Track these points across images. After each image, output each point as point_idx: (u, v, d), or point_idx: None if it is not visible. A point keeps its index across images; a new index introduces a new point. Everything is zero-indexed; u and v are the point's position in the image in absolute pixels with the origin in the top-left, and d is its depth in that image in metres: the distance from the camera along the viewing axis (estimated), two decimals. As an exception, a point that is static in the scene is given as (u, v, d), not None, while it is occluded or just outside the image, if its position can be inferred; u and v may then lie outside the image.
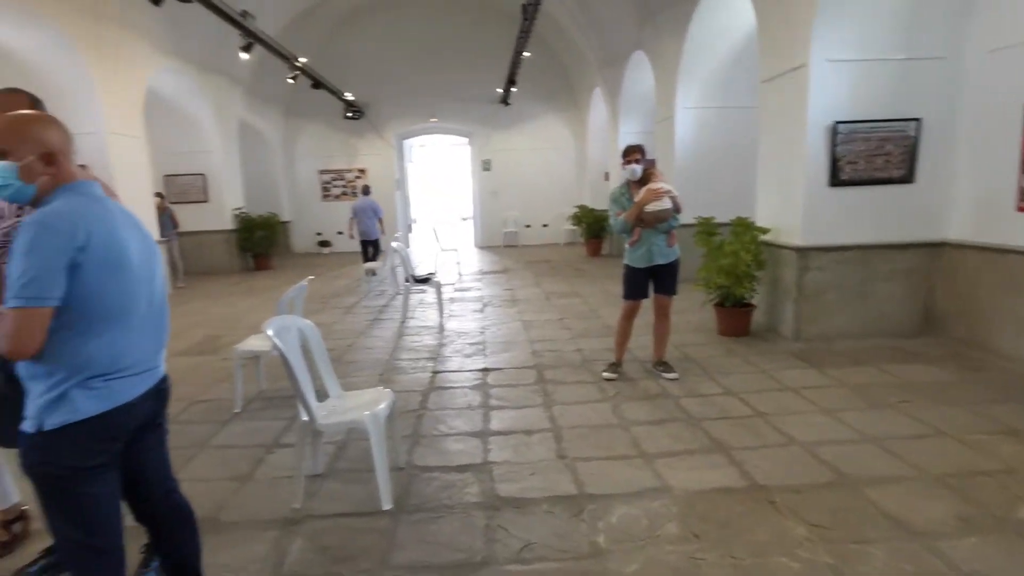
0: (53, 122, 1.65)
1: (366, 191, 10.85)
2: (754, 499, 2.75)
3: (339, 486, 3.02)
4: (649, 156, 4.40)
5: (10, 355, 1.52)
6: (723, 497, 2.78)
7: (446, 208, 24.75)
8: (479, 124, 14.98)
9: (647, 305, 4.49)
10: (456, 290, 8.82)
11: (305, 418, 2.72)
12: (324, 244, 14.95)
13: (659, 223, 4.23)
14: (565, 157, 15.10)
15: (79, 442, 1.59)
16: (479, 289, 8.94)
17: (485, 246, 15.26)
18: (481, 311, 7.29)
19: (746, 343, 5.33)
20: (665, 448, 3.32)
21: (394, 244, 7.48)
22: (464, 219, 23.78)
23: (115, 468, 1.71)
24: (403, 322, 6.80)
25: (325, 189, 15.06)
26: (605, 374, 4.51)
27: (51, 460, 1.57)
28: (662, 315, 4.52)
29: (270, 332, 2.63)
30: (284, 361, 2.60)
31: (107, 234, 1.60)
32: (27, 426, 1.57)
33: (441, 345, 5.75)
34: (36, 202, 1.62)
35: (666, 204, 4.17)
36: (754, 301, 5.65)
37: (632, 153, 4.30)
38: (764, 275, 5.60)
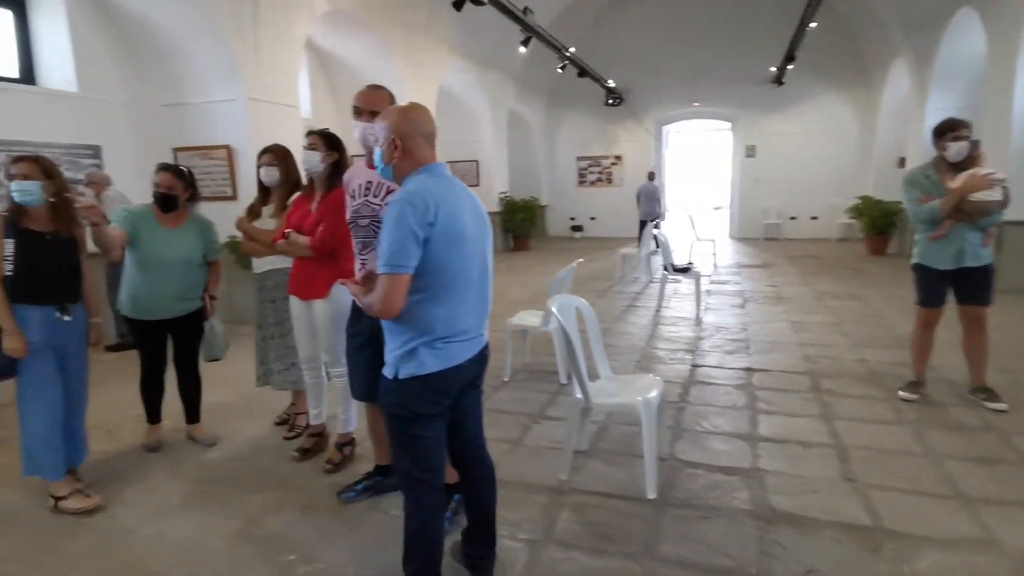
0: (411, 113, 1.91)
1: (651, 177, 12.08)
2: None
3: (602, 466, 3.08)
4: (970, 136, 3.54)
5: (379, 315, 1.81)
6: (1090, 573, 2.15)
7: (699, 197, 23.66)
8: (744, 107, 13.93)
9: (950, 316, 3.69)
10: (712, 282, 8.38)
11: (579, 395, 2.82)
12: (576, 229, 15.49)
13: (981, 216, 3.42)
14: (844, 141, 13.22)
15: (421, 392, 1.85)
16: (737, 283, 8.37)
17: (741, 237, 14.23)
18: (742, 307, 6.81)
19: (1116, 379, 4.07)
20: (993, 494, 2.69)
21: (655, 231, 7.38)
22: (716, 208, 22.49)
23: (443, 419, 1.97)
24: (658, 311, 6.69)
25: (581, 175, 15.55)
26: (903, 393, 3.84)
27: (400, 403, 1.87)
28: (976, 329, 3.67)
29: (554, 309, 2.76)
30: (565, 338, 2.71)
31: (450, 211, 1.79)
32: (387, 371, 1.90)
33: (699, 338, 5.51)
34: (399, 180, 1.91)
35: (996, 195, 3.36)
36: None
37: (957, 128, 3.50)
38: None
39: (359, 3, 7.68)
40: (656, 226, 10.65)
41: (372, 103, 2.37)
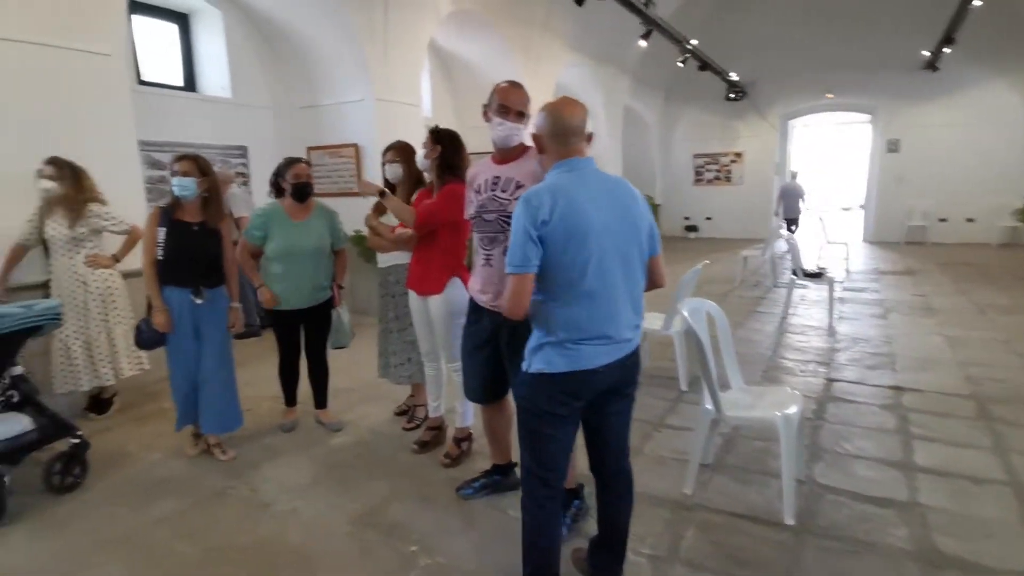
0: (555, 109, 1.86)
1: (794, 176, 12.46)
2: None
3: (730, 483, 2.87)
4: None
5: (508, 314, 1.79)
6: None
7: (828, 196, 21.86)
8: (887, 97, 12.62)
9: None
10: (846, 289, 7.68)
11: (708, 406, 2.64)
12: (691, 229, 14.87)
13: None
14: (1010, 134, 11.60)
15: (548, 390, 1.81)
16: (876, 291, 7.60)
17: (878, 241, 12.95)
18: (883, 317, 6.16)
19: None
20: None
21: (784, 234, 6.88)
22: (845, 209, 20.72)
23: (574, 423, 1.89)
24: (784, 318, 6.22)
25: (698, 173, 14.89)
26: (1098, 427, 3.27)
27: (528, 397, 1.85)
28: None
29: (685, 313, 2.61)
30: (697, 345, 2.54)
31: (571, 208, 1.72)
32: (523, 364, 1.87)
33: (833, 350, 5.04)
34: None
35: None
36: None
37: None
38: None
39: (480, 2, 7.80)
40: (793, 228, 10.10)
41: (521, 102, 2.34)
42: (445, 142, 2.87)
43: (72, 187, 3.59)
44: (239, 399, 3.36)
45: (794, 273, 6.47)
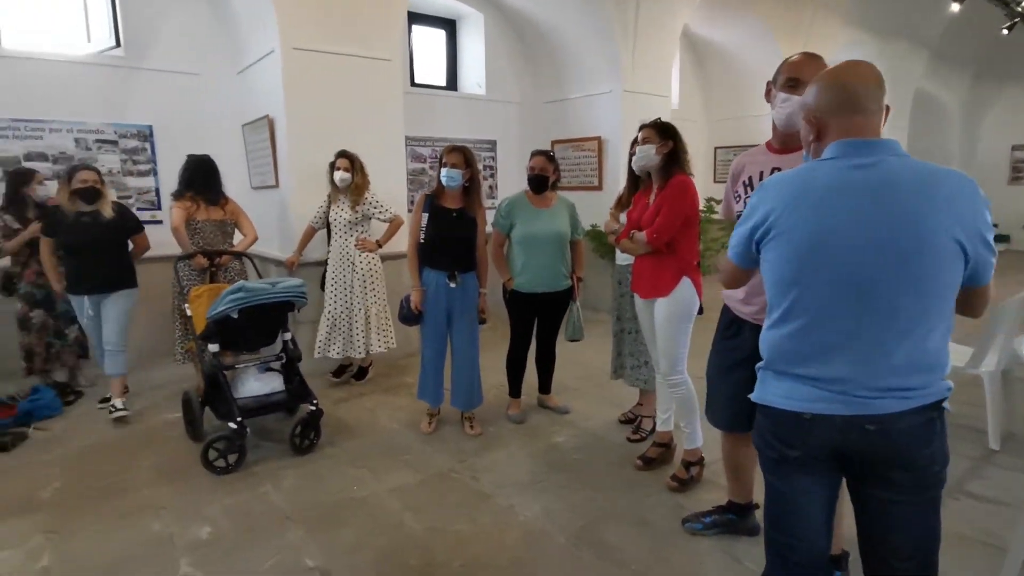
0: (832, 76, 1.38)
1: None
2: None
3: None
4: None
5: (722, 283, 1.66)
6: None
7: None
8: None
9: None
10: None
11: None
12: (1001, 239, 11.90)
13: None
14: None
15: (764, 426, 1.46)
16: None
17: None
18: None
19: None
20: None
21: None
22: None
23: (818, 483, 1.42)
24: None
25: (1016, 171, 11.83)
26: None
27: (755, 429, 1.51)
28: None
29: (1022, 351, 1.91)
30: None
31: (789, 210, 1.34)
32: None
33: None
34: None
35: None
36: None
37: None
38: None
39: (743, -19, 7.10)
40: None
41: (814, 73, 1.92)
42: (676, 136, 2.71)
43: (360, 176, 4.08)
44: (481, 380, 3.54)
45: None
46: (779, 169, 1.91)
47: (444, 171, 3.21)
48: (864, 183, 1.29)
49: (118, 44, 4.79)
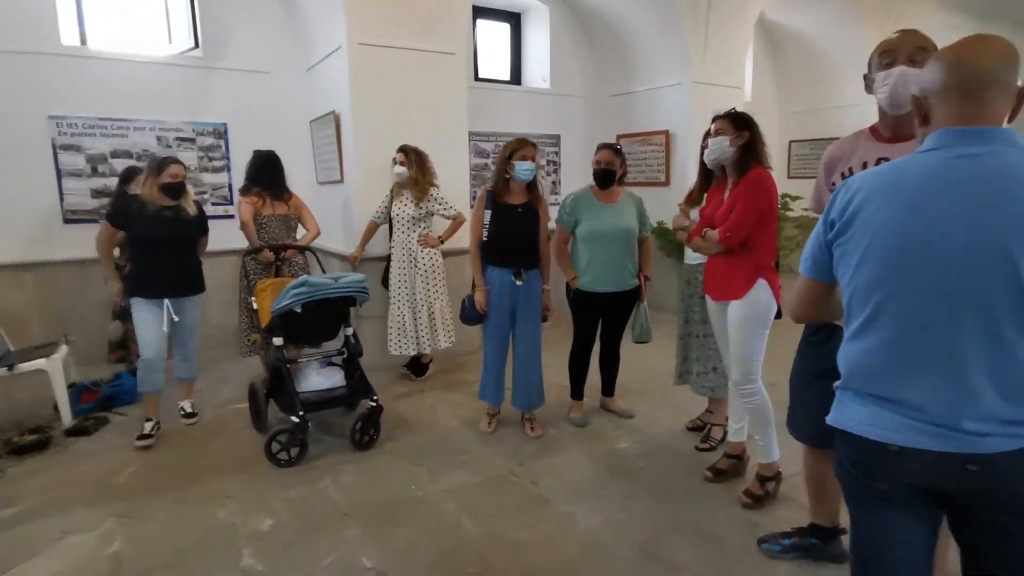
0: (949, 55, 1.16)
1: None
2: None
3: None
4: None
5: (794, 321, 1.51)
6: None
7: None
8: None
9: None
10: None
11: None
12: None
13: None
14: None
15: (843, 451, 1.29)
16: None
17: None
18: None
19: None
20: None
21: None
22: None
23: (904, 516, 1.23)
24: None
25: None
26: None
27: (836, 454, 1.33)
28: None
29: None
30: None
31: (875, 202, 1.16)
32: None
33: None
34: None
35: None
36: None
37: None
38: None
39: (826, -38, 6.67)
40: None
41: (915, 44, 1.72)
42: (752, 126, 2.52)
43: (418, 171, 4.04)
44: (543, 380, 3.45)
45: None
46: (886, 160, 1.70)
47: (518, 164, 3.13)
48: (970, 176, 1.11)
49: (196, 45, 4.97)
